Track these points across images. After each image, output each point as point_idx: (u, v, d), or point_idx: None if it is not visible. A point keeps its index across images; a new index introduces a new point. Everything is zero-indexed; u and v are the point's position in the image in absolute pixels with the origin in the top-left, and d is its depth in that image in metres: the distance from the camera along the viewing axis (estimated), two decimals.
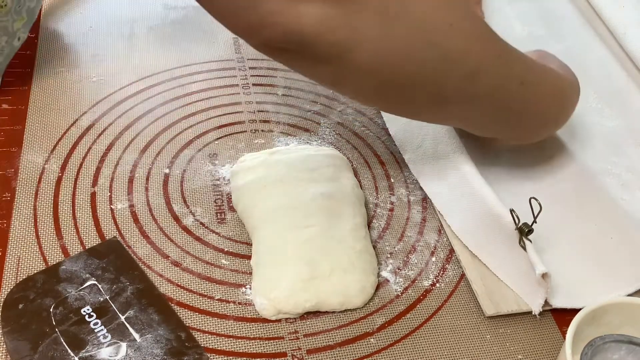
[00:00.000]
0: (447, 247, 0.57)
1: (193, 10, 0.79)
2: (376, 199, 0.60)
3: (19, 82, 0.67)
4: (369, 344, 0.49)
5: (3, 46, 0.63)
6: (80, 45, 0.73)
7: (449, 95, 0.50)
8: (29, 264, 0.51)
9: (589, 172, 0.62)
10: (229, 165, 0.61)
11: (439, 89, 0.49)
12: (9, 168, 0.58)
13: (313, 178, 0.57)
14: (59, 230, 0.54)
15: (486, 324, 0.51)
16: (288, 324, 0.50)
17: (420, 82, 0.49)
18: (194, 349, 0.47)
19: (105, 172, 0.59)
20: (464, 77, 0.49)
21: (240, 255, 0.54)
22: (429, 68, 0.48)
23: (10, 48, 0.65)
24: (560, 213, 0.58)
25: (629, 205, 0.60)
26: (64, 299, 0.48)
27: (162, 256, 0.53)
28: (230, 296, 0.51)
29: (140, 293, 0.50)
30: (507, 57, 0.51)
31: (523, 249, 0.51)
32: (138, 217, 0.56)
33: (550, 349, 0.50)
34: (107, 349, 0.46)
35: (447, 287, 0.54)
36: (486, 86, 0.50)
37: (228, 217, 0.57)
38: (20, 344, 0.46)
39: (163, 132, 0.64)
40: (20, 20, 0.64)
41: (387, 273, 0.54)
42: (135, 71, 0.70)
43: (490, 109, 0.53)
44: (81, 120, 0.64)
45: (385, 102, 0.53)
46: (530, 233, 0.51)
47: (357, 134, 0.66)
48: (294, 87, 0.71)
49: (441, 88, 0.49)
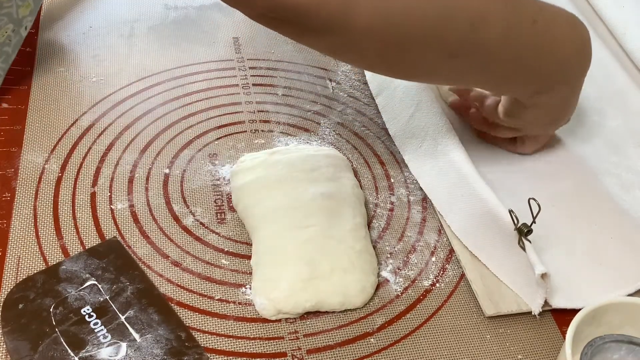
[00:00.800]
0: (447, 247, 0.57)
1: (193, 10, 0.80)
2: (376, 199, 0.60)
3: (19, 81, 0.67)
4: (369, 344, 0.49)
5: (10, 35, 0.62)
6: (80, 45, 0.73)
7: (454, 48, 0.49)
8: (29, 264, 0.51)
9: (589, 172, 0.62)
10: (229, 165, 0.61)
11: (443, 43, 0.48)
12: (9, 168, 0.58)
13: (313, 178, 0.57)
14: (59, 230, 0.54)
15: (486, 324, 0.51)
16: (288, 324, 0.50)
17: (422, 38, 0.48)
18: (194, 349, 0.47)
19: (105, 172, 0.59)
20: (468, 26, 0.47)
21: (240, 255, 0.54)
22: (430, 21, 0.47)
23: (19, 38, 0.63)
24: (560, 213, 0.58)
25: (629, 205, 0.60)
26: (64, 299, 0.48)
27: (162, 256, 0.53)
28: (230, 296, 0.51)
29: (140, 293, 0.50)
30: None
31: (522, 249, 0.51)
32: (138, 217, 0.56)
33: (550, 349, 0.50)
34: (107, 349, 0.46)
35: (447, 287, 0.54)
36: (493, 33, 0.49)
37: (228, 217, 0.57)
38: (20, 344, 0.46)
39: (163, 132, 0.64)
40: (26, 7, 0.62)
41: (387, 273, 0.54)
42: (135, 71, 0.70)
43: (501, 57, 0.51)
44: (81, 120, 0.64)
45: (389, 65, 0.52)
46: (529, 233, 0.51)
47: (357, 134, 0.66)
48: (294, 87, 0.71)
49: (446, 42, 0.48)
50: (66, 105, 0.65)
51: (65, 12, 0.76)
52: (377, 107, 0.68)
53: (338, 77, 0.72)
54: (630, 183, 0.62)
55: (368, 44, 0.48)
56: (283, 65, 0.73)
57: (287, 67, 0.73)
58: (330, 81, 0.72)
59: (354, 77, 0.73)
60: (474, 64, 0.51)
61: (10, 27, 0.62)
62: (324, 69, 0.73)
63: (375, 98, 0.69)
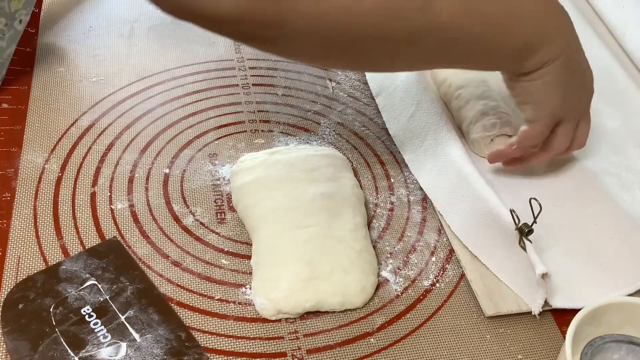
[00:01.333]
0: (447, 247, 0.57)
1: None
2: (376, 199, 0.60)
3: (19, 81, 0.67)
4: (369, 344, 0.49)
5: (3, 29, 0.61)
6: (80, 45, 0.73)
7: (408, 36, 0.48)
8: (29, 264, 0.51)
9: (589, 172, 0.62)
10: (229, 165, 0.61)
11: (395, 33, 0.47)
12: (9, 168, 0.58)
13: (313, 178, 0.57)
14: (59, 230, 0.54)
15: (486, 324, 0.51)
16: (288, 324, 0.50)
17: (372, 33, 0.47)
18: (194, 349, 0.47)
19: (105, 172, 0.59)
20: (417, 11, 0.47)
21: (240, 255, 0.54)
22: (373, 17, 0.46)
23: (14, 32, 0.63)
24: (560, 213, 0.58)
25: (629, 205, 0.60)
26: (64, 299, 0.48)
27: (162, 256, 0.53)
28: (230, 296, 0.51)
29: (140, 293, 0.50)
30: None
31: (523, 249, 0.51)
32: (138, 217, 0.56)
33: (550, 349, 0.50)
34: (107, 349, 0.46)
35: (447, 287, 0.54)
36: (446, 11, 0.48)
37: (228, 217, 0.57)
38: (20, 344, 0.46)
39: (163, 132, 0.64)
40: (19, 0, 0.61)
41: (387, 273, 0.54)
42: (135, 71, 0.70)
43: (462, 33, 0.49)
44: (81, 120, 0.64)
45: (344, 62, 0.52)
46: (530, 233, 0.51)
47: (357, 134, 0.66)
48: (294, 87, 0.71)
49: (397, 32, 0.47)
50: (66, 105, 0.65)
51: (65, 12, 0.76)
52: (377, 107, 0.68)
53: (338, 77, 0.72)
54: (630, 183, 0.62)
55: (312, 46, 0.48)
56: (283, 65, 0.73)
57: (287, 67, 0.73)
58: (330, 81, 0.72)
59: (354, 77, 0.73)
60: (435, 47, 0.50)
61: (2, 21, 0.61)
62: (324, 69, 0.73)
63: (375, 98, 0.69)
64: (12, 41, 0.64)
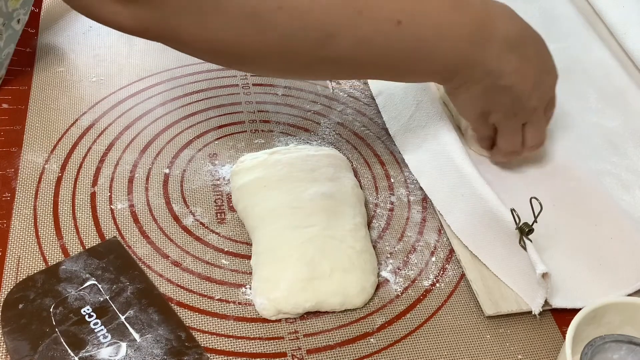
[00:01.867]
0: (447, 247, 0.57)
1: None
2: (376, 199, 0.60)
3: (19, 81, 0.67)
4: (369, 344, 0.49)
5: (0, 29, 0.61)
6: (80, 45, 0.73)
7: (306, 62, 0.49)
8: (29, 264, 0.51)
9: (589, 172, 0.62)
10: (229, 165, 0.61)
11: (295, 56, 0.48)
12: (9, 168, 0.58)
13: (313, 178, 0.57)
14: (59, 230, 0.54)
15: (486, 324, 0.51)
16: (288, 324, 0.50)
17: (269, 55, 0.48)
18: (194, 349, 0.47)
19: (105, 172, 0.59)
20: (315, 44, 0.47)
21: (240, 255, 0.54)
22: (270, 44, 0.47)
23: (12, 32, 0.63)
24: (561, 213, 0.58)
25: (629, 205, 0.60)
26: (64, 299, 0.48)
27: (162, 256, 0.53)
28: (230, 296, 0.51)
29: (140, 293, 0.50)
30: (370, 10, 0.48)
31: (523, 248, 0.51)
32: (138, 217, 0.56)
33: (550, 349, 0.50)
34: (107, 349, 0.46)
35: (447, 287, 0.54)
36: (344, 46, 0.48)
37: (228, 217, 0.57)
38: (20, 344, 0.46)
39: (163, 132, 0.64)
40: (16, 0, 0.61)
41: (387, 273, 0.54)
42: (135, 71, 0.70)
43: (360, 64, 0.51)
44: (81, 120, 0.64)
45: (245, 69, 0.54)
46: (530, 233, 0.51)
47: (357, 134, 0.66)
48: (294, 87, 0.71)
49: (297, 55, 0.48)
50: (66, 105, 0.65)
51: (65, 12, 0.76)
52: (377, 107, 0.68)
53: None
54: (630, 183, 0.62)
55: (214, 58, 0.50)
56: None
57: None
58: (330, 81, 0.72)
59: None
60: (333, 71, 0.53)
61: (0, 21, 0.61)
62: None
63: (375, 98, 0.69)
64: (11, 41, 0.64)
